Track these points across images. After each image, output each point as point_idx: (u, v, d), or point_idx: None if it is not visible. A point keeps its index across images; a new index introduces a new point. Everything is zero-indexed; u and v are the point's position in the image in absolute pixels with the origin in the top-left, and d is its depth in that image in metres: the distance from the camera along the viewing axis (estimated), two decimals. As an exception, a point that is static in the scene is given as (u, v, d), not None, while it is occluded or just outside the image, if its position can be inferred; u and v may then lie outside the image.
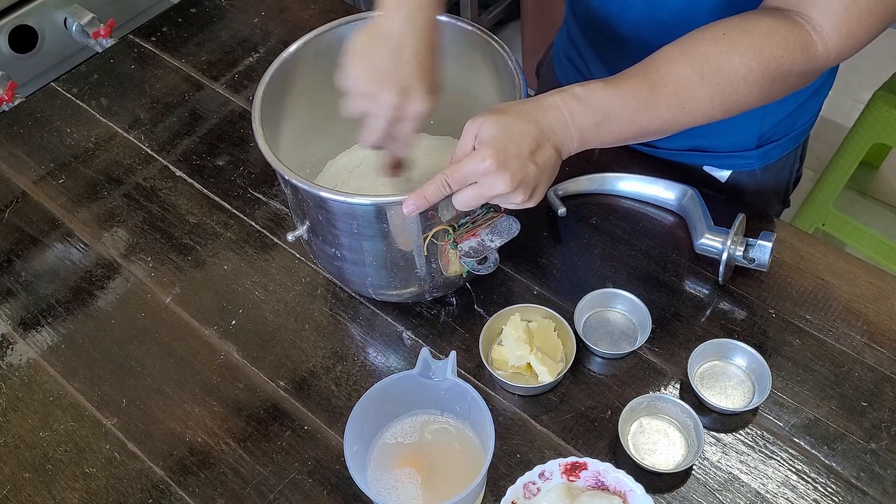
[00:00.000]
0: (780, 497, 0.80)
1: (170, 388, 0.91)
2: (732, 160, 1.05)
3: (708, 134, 1.01)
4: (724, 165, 1.06)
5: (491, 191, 0.73)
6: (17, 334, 0.97)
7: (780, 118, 1.01)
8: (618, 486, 0.77)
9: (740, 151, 1.04)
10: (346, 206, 0.80)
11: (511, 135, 0.72)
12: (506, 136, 0.72)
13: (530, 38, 2.28)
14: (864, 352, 0.89)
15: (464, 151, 0.74)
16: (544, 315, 0.90)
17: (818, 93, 1.02)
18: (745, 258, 0.92)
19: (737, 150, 1.04)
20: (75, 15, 1.46)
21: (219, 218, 1.06)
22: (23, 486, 0.85)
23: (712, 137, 1.03)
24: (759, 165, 1.05)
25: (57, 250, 1.04)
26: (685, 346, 0.90)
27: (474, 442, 0.81)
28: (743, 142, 1.03)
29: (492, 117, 0.73)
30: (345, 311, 0.97)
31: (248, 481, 0.84)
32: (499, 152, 0.71)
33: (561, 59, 1.16)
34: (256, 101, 0.85)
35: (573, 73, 1.13)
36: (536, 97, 0.76)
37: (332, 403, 0.89)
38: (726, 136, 1.02)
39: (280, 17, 1.32)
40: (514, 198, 0.74)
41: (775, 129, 1.02)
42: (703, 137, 1.03)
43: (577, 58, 1.10)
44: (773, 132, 1.03)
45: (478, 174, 0.72)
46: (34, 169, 1.13)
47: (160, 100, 1.21)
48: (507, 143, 0.72)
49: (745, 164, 1.05)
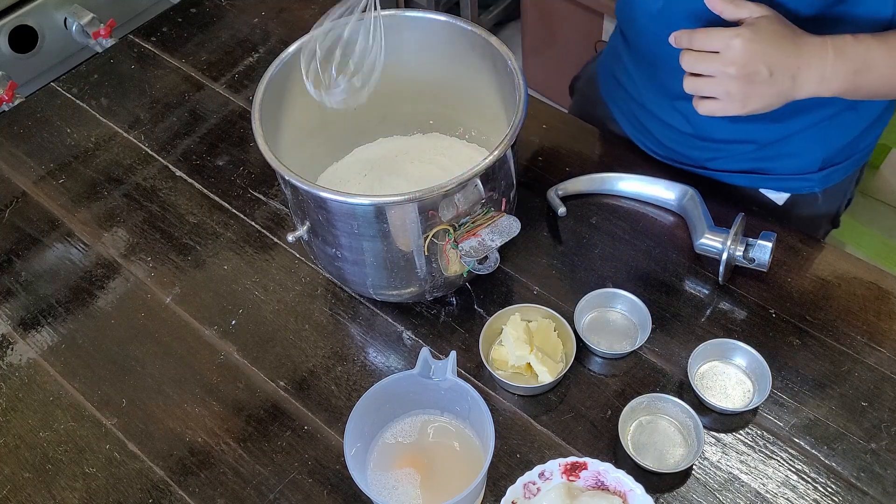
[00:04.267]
0: (780, 497, 0.80)
1: (170, 388, 0.91)
2: (793, 183, 1.03)
3: (770, 157, 1.00)
4: (784, 188, 1.04)
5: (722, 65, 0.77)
6: (17, 334, 0.97)
7: (845, 142, 1.00)
8: (618, 486, 0.77)
9: (802, 174, 1.02)
10: (346, 206, 0.80)
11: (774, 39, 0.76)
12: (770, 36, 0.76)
13: (530, 38, 2.27)
14: (864, 352, 0.89)
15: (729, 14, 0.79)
16: (544, 315, 0.90)
17: (884, 115, 1.01)
18: (745, 258, 0.92)
19: (799, 173, 1.02)
20: (75, 15, 1.46)
21: (219, 218, 1.06)
22: (23, 486, 0.85)
23: (775, 160, 1.01)
24: (820, 188, 1.03)
25: (57, 250, 1.04)
26: (685, 346, 0.90)
27: (474, 442, 0.81)
28: (806, 164, 1.01)
29: (775, 17, 0.78)
30: (345, 311, 0.97)
31: (248, 481, 0.84)
32: (754, 41, 0.75)
33: (607, 78, 1.14)
34: (256, 101, 0.85)
35: (618, 90, 1.11)
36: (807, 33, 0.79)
37: (332, 403, 0.89)
38: (790, 158, 1.00)
39: (280, 17, 1.32)
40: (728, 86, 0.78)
41: (840, 152, 1.01)
42: (765, 161, 1.01)
43: (623, 74, 1.08)
44: (837, 155, 1.01)
45: (722, 44, 0.76)
46: (34, 169, 1.13)
47: (160, 100, 1.21)
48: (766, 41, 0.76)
49: (805, 187, 1.03)
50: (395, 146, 1.05)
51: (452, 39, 0.93)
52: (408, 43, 0.95)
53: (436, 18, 0.93)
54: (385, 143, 1.06)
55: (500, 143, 0.80)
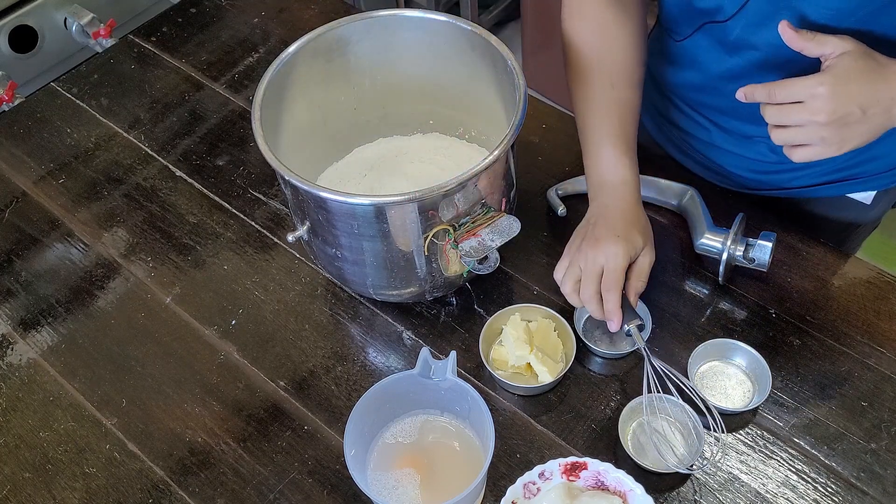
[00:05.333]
0: (780, 497, 0.80)
1: (170, 388, 0.91)
2: (878, 181, 1.01)
3: (856, 164, 0.98)
4: (870, 187, 1.01)
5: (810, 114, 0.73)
6: (17, 334, 0.97)
7: None
8: (618, 486, 0.77)
9: (887, 172, 1.00)
10: (346, 206, 0.80)
11: (861, 77, 0.73)
12: (856, 75, 0.73)
13: (530, 38, 2.28)
14: (864, 352, 0.89)
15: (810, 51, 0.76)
16: (544, 315, 0.90)
17: None
18: (745, 258, 0.92)
19: (883, 172, 1.00)
20: (75, 15, 1.45)
21: (219, 218, 1.06)
22: (23, 486, 0.85)
23: (860, 166, 0.98)
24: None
25: (57, 250, 1.04)
26: (685, 346, 0.90)
27: (474, 442, 0.81)
28: (889, 163, 0.99)
29: (857, 51, 0.74)
30: (345, 311, 0.97)
31: (248, 481, 0.84)
32: (840, 85, 0.72)
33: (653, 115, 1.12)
34: (256, 101, 0.85)
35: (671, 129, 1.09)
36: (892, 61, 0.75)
37: (332, 403, 0.89)
38: (874, 161, 0.98)
39: (280, 17, 1.32)
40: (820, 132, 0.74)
41: None
42: (849, 169, 0.99)
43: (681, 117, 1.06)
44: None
45: (806, 94, 0.73)
46: (34, 169, 1.13)
47: (160, 100, 1.21)
48: (852, 82, 0.73)
49: (892, 182, 1.01)
50: (395, 146, 1.05)
51: (452, 39, 0.93)
52: (408, 43, 0.95)
53: (436, 18, 0.92)
54: (385, 143, 1.06)
55: (500, 143, 0.80)
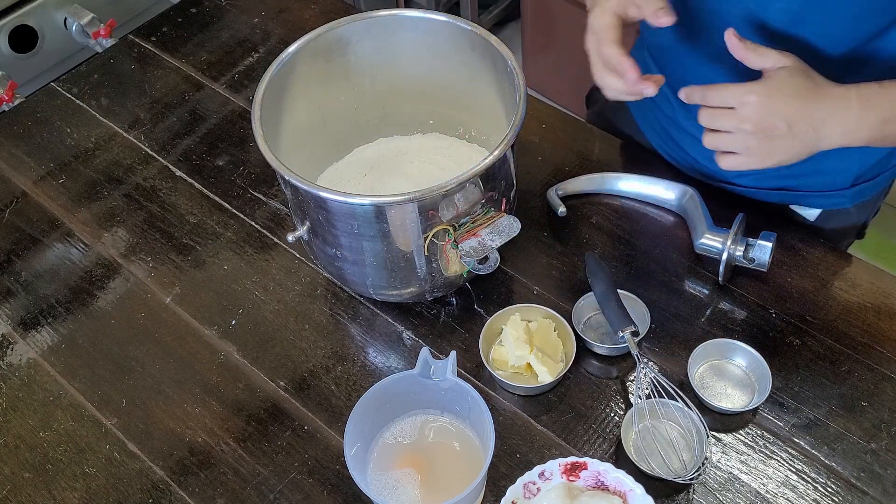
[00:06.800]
0: (780, 497, 0.80)
1: (170, 388, 0.91)
2: (825, 199, 1.02)
3: (802, 174, 0.99)
4: (815, 204, 1.03)
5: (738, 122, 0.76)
6: (17, 334, 0.97)
7: (877, 159, 0.98)
8: (618, 486, 0.77)
9: (834, 191, 1.01)
10: (346, 206, 0.80)
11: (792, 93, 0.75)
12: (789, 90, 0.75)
13: (530, 38, 2.28)
14: (864, 352, 0.89)
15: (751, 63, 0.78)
16: (544, 315, 0.90)
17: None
18: (745, 258, 0.92)
19: (830, 190, 1.01)
20: (75, 15, 1.45)
21: (219, 218, 1.06)
22: (23, 486, 0.85)
23: (806, 177, 1.00)
24: (852, 204, 1.02)
25: (57, 250, 1.04)
26: (685, 346, 0.90)
27: (474, 442, 0.81)
28: (837, 181, 1.00)
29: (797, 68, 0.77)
30: (345, 311, 0.97)
31: (248, 481, 0.84)
32: (770, 97, 0.75)
33: None
34: (256, 101, 0.85)
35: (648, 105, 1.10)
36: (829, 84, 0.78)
37: (332, 403, 0.89)
38: (821, 175, 0.99)
39: (280, 17, 1.32)
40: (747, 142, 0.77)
41: (871, 168, 0.99)
42: (796, 178, 1.00)
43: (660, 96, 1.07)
44: (869, 171, 1.00)
45: (737, 101, 0.76)
46: (34, 169, 1.13)
47: (160, 100, 1.21)
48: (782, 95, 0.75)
49: (837, 203, 1.02)
50: (395, 146, 1.05)
51: (452, 39, 0.93)
52: (408, 43, 0.95)
53: (436, 18, 0.93)
54: (385, 143, 1.06)
55: (500, 143, 0.80)
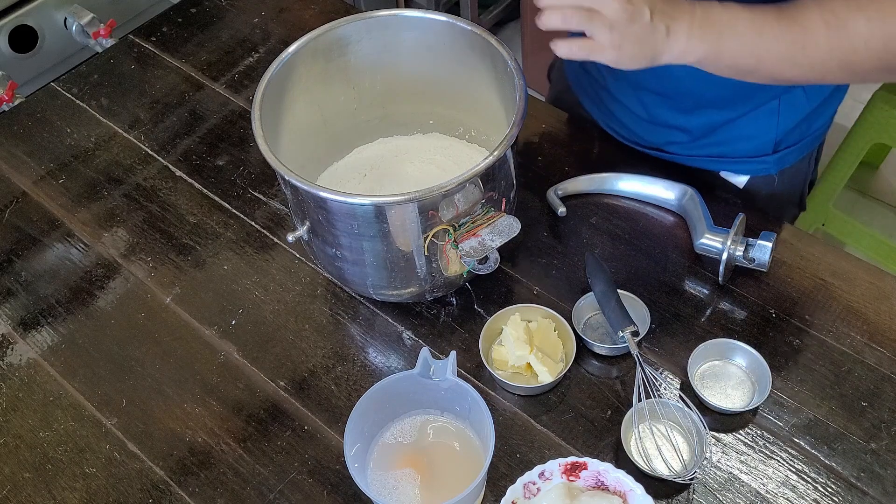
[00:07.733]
0: (780, 497, 0.80)
1: (170, 388, 0.91)
2: (750, 165, 1.05)
3: (726, 140, 1.02)
4: (742, 171, 1.06)
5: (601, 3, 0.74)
6: (17, 334, 0.97)
7: (795, 122, 1.00)
8: (618, 486, 0.77)
9: (757, 157, 1.03)
10: (346, 206, 0.80)
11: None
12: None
13: (530, 38, 2.28)
14: (864, 352, 0.89)
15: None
16: (544, 315, 0.90)
17: (833, 96, 1.02)
18: (745, 258, 0.92)
19: (754, 156, 1.03)
20: (75, 15, 1.45)
21: (219, 218, 1.06)
22: (23, 486, 0.85)
23: (730, 143, 1.02)
24: (776, 170, 1.05)
25: (57, 250, 1.04)
26: (685, 346, 0.90)
27: (474, 442, 0.81)
28: (760, 146, 1.02)
29: None
30: (345, 311, 0.97)
31: (248, 481, 0.84)
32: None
33: (573, 65, 1.16)
34: (256, 101, 0.85)
35: (584, 76, 1.13)
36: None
37: (332, 403, 0.89)
38: (743, 140, 1.02)
39: (280, 17, 1.32)
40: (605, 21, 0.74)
41: (791, 133, 1.02)
42: (721, 145, 1.03)
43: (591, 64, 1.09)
44: (789, 136, 1.02)
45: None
46: (34, 169, 1.13)
47: (160, 100, 1.21)
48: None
49: (762, 169, 1.05)
50: (395, 146, 1.05)
51: (452, 39, 0.93)
52: (408, 43, 0.95)
53: (436, 18, 0.93)
54: (385, 143, 1.06)
55: (500, 143, 0.80)
